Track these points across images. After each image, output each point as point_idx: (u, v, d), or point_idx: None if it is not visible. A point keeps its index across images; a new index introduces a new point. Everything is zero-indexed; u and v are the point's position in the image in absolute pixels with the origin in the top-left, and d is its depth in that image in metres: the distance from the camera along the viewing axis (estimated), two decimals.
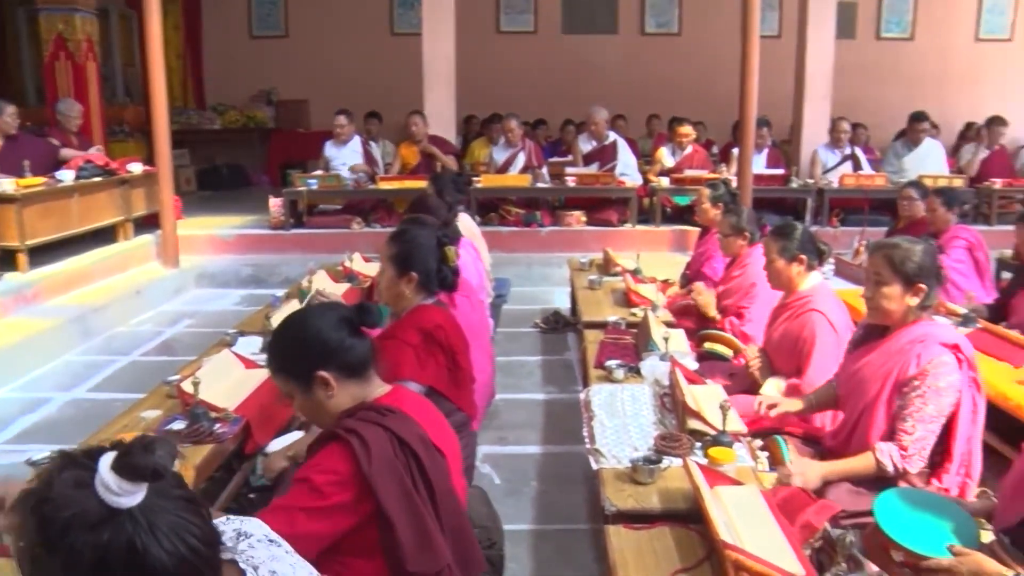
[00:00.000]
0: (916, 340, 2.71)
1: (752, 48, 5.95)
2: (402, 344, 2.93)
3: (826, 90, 9.33)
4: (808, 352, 3.40)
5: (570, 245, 7.91)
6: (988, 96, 12.40)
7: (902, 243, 2.82)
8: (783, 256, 3.57)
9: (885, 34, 12.77)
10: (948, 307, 4.61)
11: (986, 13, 12.93)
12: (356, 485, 1.85)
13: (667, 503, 2.43)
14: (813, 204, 8.45)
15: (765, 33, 11.36)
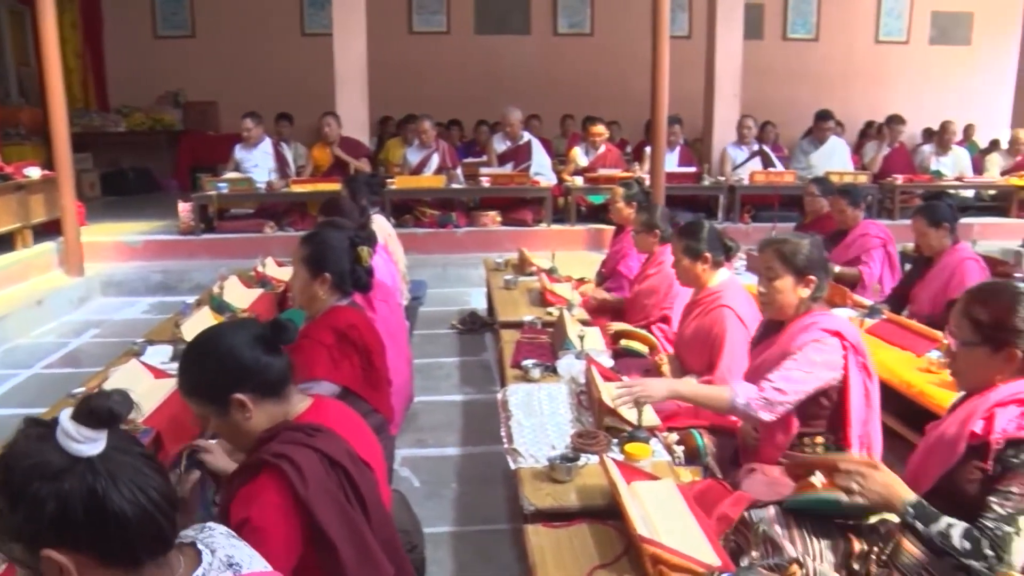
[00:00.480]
0: (802, 329, 2.82)
1: (662, 48, 6.04)
2: (316, 344, 2.90)
3: (735, 89, 9.55)
4: (719, 347, 3.45)
5: (486, 245, 7.92)
6: (888, 95, 12.89)
7: (790, 238, 2.95)
8: (688, 255, 3.62)
9: (791, 35, 13.14)
10: (855, 299, 4.75)
11: (885, 16, 13.42)
12: (294, 513, 1.79)
13: (585, 500, 2.44)
14: (725, 201, 8.64)
15: (676, 33, 11.61)
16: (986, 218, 9.43)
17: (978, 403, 2.10)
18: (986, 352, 2.10)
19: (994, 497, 1.96)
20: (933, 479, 2.12)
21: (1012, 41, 11.61)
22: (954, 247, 4.81)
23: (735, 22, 9.42)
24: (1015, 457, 1.96)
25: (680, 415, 3.24)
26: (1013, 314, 2.07)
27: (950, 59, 13.54)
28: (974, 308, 2.13)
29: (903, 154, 9.73)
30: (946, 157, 9.76)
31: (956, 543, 1.94)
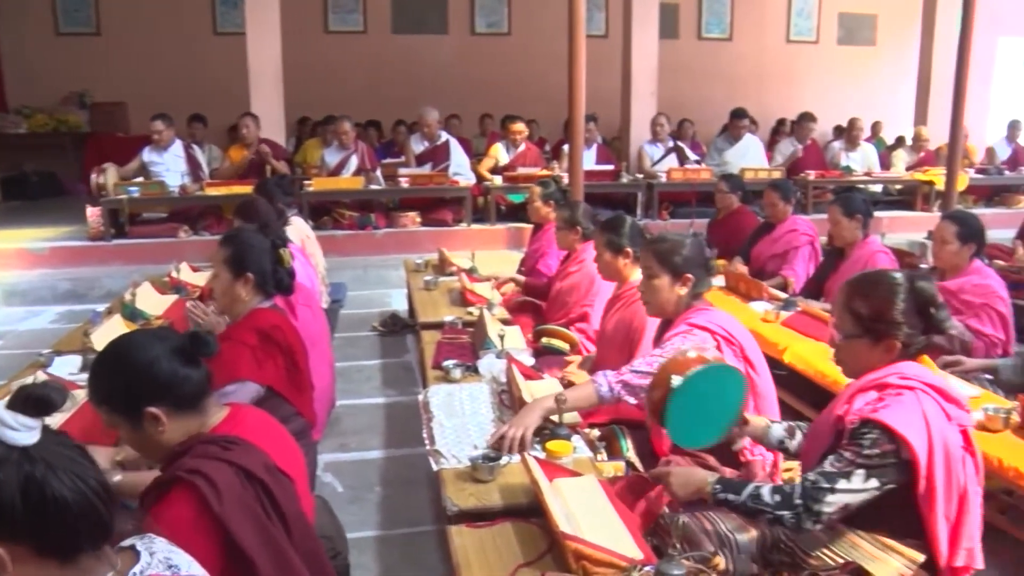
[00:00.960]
0: (680, 321, 2.90)
1: (579, 47, 6.06)
2: (239, 345, 2.84)
3: (652, 88, 9.68)
4: (638, 340, 3.49)
5: (406, 246, 7.88)
6: (799, 93, 13.23)
7: (669, 237, 3.02)
8: (610, 249, 3.66)
9: (706, 35, 13.36)
10: (770, 292, 4.86)
11: (795, 16, 13.76)
12: (209, 530, 1.73)
13: (508, 499, 2.43)
14: (643, 198, 8.75)
15: (593, 32, 11.71)
16: (893, 212, 9.77)
17: (848, 388, 2.22)
18: (867, 343, 2.19)
19: (830, 456, 2.08)
20: (813, 462, 2.20)
21: (913, 42, 12.02)
22: (865, 240, 4.95)
23: (651, 21, 9.55)
24: (860, 429, 2.06)
25: (602, 411, 3.26)
26: (892, 307, 2.15)
27: (857, 59, 13.96)
28: (854, 302, 2.20)
29: (815, 150, 10.01)
30: (855, 153, 10.08)
31: (767, 499, 2.08)
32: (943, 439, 2.06)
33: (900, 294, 2.16)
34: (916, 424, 2.03)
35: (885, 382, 2.12)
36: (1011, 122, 11.52)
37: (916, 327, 2.17)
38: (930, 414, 2.06)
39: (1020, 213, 8.07)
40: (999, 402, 3.16)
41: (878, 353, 2.18)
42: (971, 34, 7.58)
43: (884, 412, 2.04)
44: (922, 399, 2.08)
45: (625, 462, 2.93)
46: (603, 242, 3.69)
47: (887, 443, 2.03)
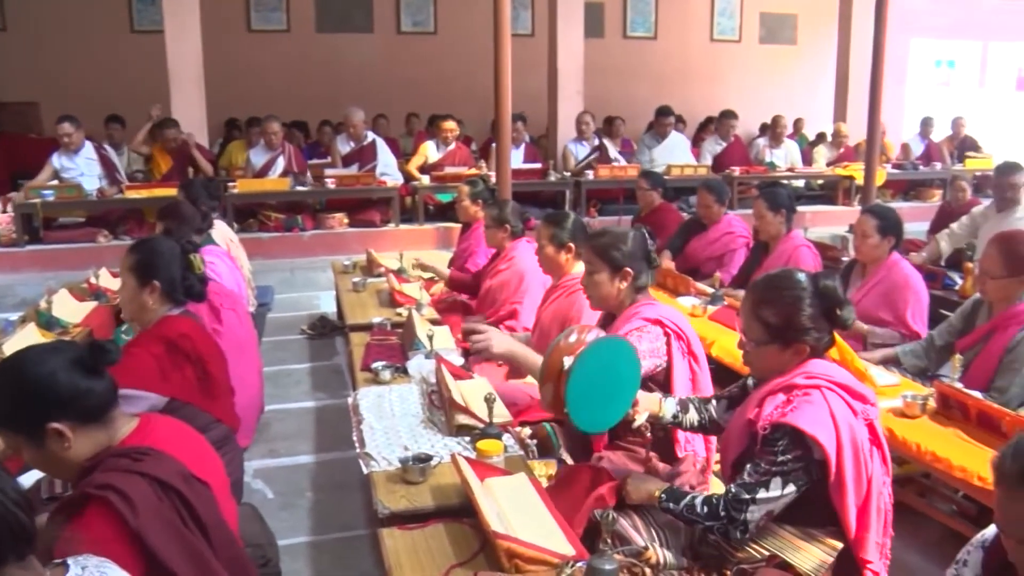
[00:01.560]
0: (628, 317, 2.91)
1: (504, 46, 6.05)
2: (143, 355, 2.76)
3: (578, 86, 9.73)
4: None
5: (333, 248, 7.77)
6: (723, 91, 13.43)
7: (610, 232, 3.03)
8: (553, 243, 3.70)
9: (631, 34, 13.44)
10: (697, 287, 4.93)
11: (718, 16, 13.97)
12: (127, 545, 1.68)
13: (440, 500, 2.42)
14: (571, 196, 8.80)
15: (519, 32, 11.73)
16: (816, 206, 10.02)
17: (757, 393, 2.25)
18: (777, 348, 2.22)
19: (748, 466, 2.12)
20: (730, 465, 2.26)
21: (831, 41, 12.32)
22: (789, 234, 5.07)
23: (576, 20, 9.60)
24: (772, 435, 2.10)
25: (532, 409, 3.26)
26: (800, 313, 2.18)
27: (778, 57, 14.24)
28: (762, 310, 2.22)
29: (739, 147, 10.20)
30: (779, 150, 10.32)
31: (699, 510, 2.14)
32: (851, 434, 2.11)
33: (806, 299, 2.19)
34: (825, 422, 2.08)
35: (792, 383, 2.16)
36: (924, 119, 11.92)
37: (824, 329, 2.22)
38: (837, 411, 2.11)
39: (935, 207, 8.31)
40: (917, 389, 3.26)
41: (787, 356, 2.22)
42: (884, 35, 7.80)
43: (793, 415, 2.08)
44: (829, 397, 2.13)
45: (557, 460, 2.94)
46: (547, 236, 3.72)
47: (798, 447, 2.07)
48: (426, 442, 2.79)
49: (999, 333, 3.45)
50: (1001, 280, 3.47)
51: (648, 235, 3.04)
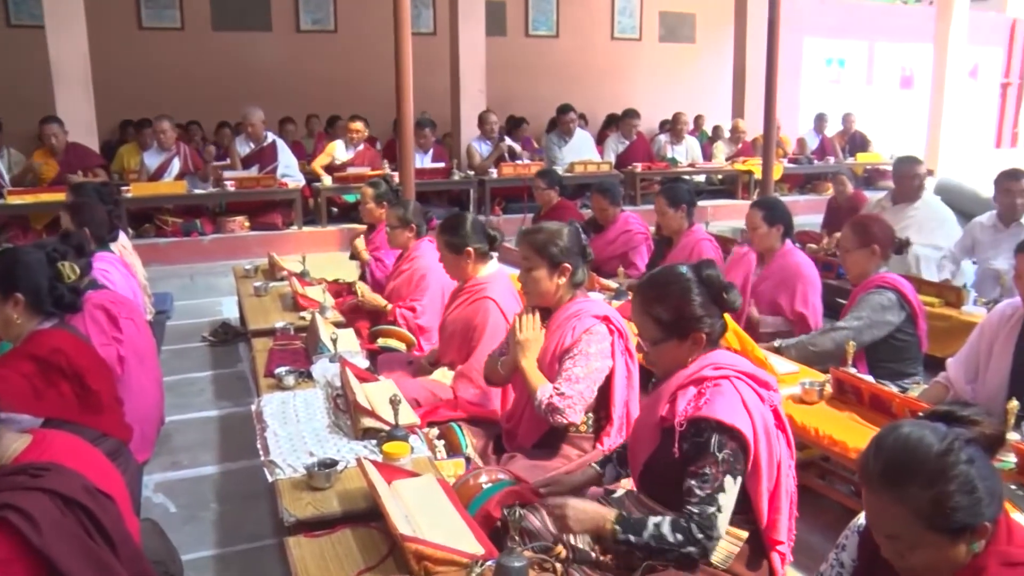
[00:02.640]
0: (572, 315, 2.91)
1: (405, 45, 5.99)
2: (12, 376, 2.63)
3: (480, 85, 9.74)
4: (478, 338, 3.51)
5: (234, 252, 7.58)
6: (625, 89, 13.64)
7: (546, 228, 3.02)
8: (451, 251, 3.66)
9: (533, 32, 13.49)
10: (602, 283, 4.98)
11: (619, 15, 14.15)
12: (32, 565, 1.60)
13: (347, 505, 2.38)
14: (475, 195, 8.79)
15: (421, 30, 11.67)
16: (717, 200, 10.27)
17: (665, 387, 2.25)
18: (676, 343, 2.24)
19: (693, 481, 2.10)
20: (641, 463, 2.26)
21: (729, 40, 12.64)
22: (691, 228, 5.19)
23: (477, 19, 9.60)
24: (698, 437, 2.11)
25: (440, 409, 3.24)
26: (689, 303, 2.21)
27: (678, 55, 14.52)
28: (653, 308, 2.24)
29: (642, 144, 10.37)
30: (680, 146, 10.56)
31: (670, 539, 2.07)
32: (762, 420, 2.15)
33: (693, 289, 2.22)
34: (740, 411, 2.12)
35: (701, 375, 2.18)
36: (818, 115, 12.35)
37: (715, 314, 2.25)
38: (748, 399, 2.15)
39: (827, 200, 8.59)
40: (814, 376, 3.36)
41: (687, 348, 2.24)
42: (777, 34, 8.03)
43: (709, 408, 2.11)
44: (738, 386, 2.16)
45: (465, 459, 2.93)
46: (443, 244, 3.69)
47: (730, 439, 2.09)
48: (332, 447, 2.74)
49: (854, 299, 3.76)
50: (854, 253, 3.78)
51: (582, 230, 3.06)
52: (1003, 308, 3.34)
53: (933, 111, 13.18)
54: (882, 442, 1.56)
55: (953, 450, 1.50)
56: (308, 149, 10.51)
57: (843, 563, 1.82)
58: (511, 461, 2.90)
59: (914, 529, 1.50)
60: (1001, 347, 3.25)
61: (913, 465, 1.50)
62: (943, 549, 1.51)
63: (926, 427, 1.55)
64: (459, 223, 3.69)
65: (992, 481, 1.51)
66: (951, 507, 1.47)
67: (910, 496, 1.49)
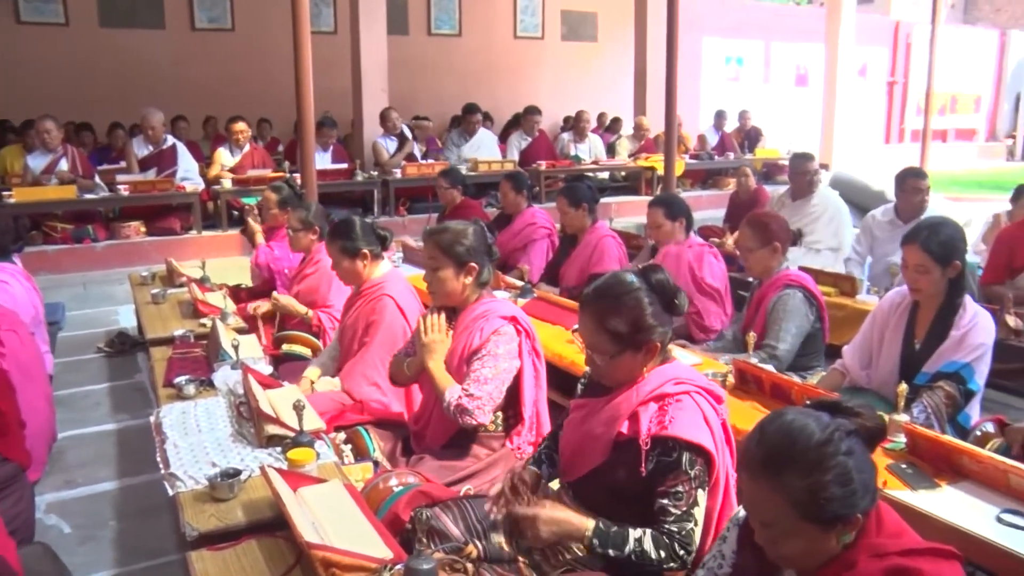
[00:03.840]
0: (479, 316, 2.90)
1: (304, 44, 5.87)
2: None
3: (383, 84, 9.65)
4: (373, 334, 3.46)
5: (131, 259, 7.32)
6: (529, 88, 13.72)
7: (451, 228, 2.99)
8: (346, 255, 3.60)
9: (436, 31, 13.44)
10: (507, 281, 4.98)
11: (521, 14, 14.23)
12: None
13: (252, 515, 2.32)
14: (380, 195, 8.70)
15: (322, 29, 11.49)
16: (621, 197, 10.41)
17: (622, 402, 2.17)
18: (631, 355, 2.17)
19: (665, 500, 2.07)
20: (584, 471, 2.21)
21: (630, 38, 12.84)
22: (594, 226, 5.24)
23: (379, 17, 9.50)
24: (667, 456, 2.08)
25: (346, 413, 3.19)
26: (643, 312, 2.14)
27: (581, 54, 14.68)
28: (608, 322, 2.14)
29: (545, 142, 10.43)
30: (583, 144, 10.65)
31: (653, 555, 2.03)
32: (721, 434, 2.15)
33: (645, 298, 2.16)
34: (702, 426, 2.10)
35: (663, 392, 2.14)
36: (717, 112, 12.68)
37: (666, 322, 2.20)
38: (707, 413, 2.13)
39: (729, 194, 8.80)
40: (717, 367, 3.42)
41: (641, 359, 2.18)
42: (676, 33, 8.17)
43: (674, 427, 2.07)
44: (698, 401, 2.14)
45: (373, 463, 2.90)
46: (337, 249, 3.64)
47: (698, 455, 2.07)
48: (236, 456, 2.67)
49: (764, 301, 3.80)
50: (756, 252, 3.82)
51: (487, 228, 3.04)
52: (892, 296, 3.46)
53: (826, 108, 13.67)
54: (765, 429, 1.57)
55: (833, 440, 1.51)
56: (205, 151, 10.20)
57: (724, 554, 1.83)
58: (420, 463, 2.87)
59: (788, 517, 1.51)
60: (892, 334, 3.37)
61: (792, 453, 1.51)
62: (815, 539, 1.53)
63: (810, 416, 1.56)
64: (350, 226, 3.64)
65: (868, 474, 1.53)
66: (826, 497, 1.48)
67: (787, 484, 1.50)
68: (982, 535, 2.15)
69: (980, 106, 22.47)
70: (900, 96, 20.26)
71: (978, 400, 3.22)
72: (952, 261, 3.19)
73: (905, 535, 1.59)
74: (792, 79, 17.82)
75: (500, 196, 6.13)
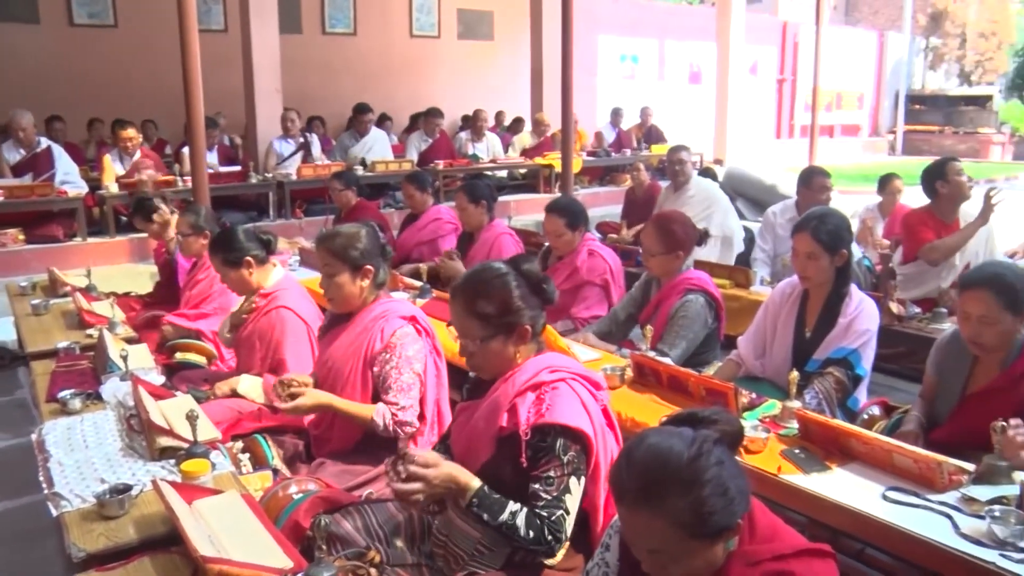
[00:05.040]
0: (378, 317, 2.88)
1: (192, 42, 5.69)
2: None
3: (276, 84, 9.46)
4: (283, 350, 3.40)
5: (8, 268, 6.90)
6: (426, 87, 13.67)
7: (343, 231, 2.97)
8: (232, 265, 3.51)
9: (330, 30, 13.25)
10: (405, 281, 4.94)
11: (416, 12, 14.15)
12: None
13: (145, 532, 2.23)
14: (275, 197, 8.51)
15: (212, 27, 11.19)
16: (520, 195, 10.46)
17: (500, 395, 2.18)
18: (502, 340, 2.18)
19: (537, 485, 2.07)
20: (475, 469, 2.18)
21: (526, 37, 12.91)
22: (491, 223, 5.26)
23: (270, 15, 9.31)
24: (543, 442, 2.08)
25: (243, 421, 3.11)
26: (512, 295, 2.17)
27: (478, 53, 14.70)
28: (476, 305, 2.17)
29: (445, 142, 10.42)
30: (480, 143, 10.66)
31: (522, 532, 2.03)
32: (599, 420, 2.17)
33: (513, 281, 2.18)
34: (580, 412, 2.11)
35: (539, 380, 2.14)
36: (614, 109, 12.88)
37: (535, 307, 2.22)
38: (585, 399, 2.15)
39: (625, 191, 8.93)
40: (616, 361, 3.47)
41: (513, 344, 2.19)
42: (571, 31, 8.26)
43: (551, 413, 2.08)
44: (576, 387, 2.15)
45: (272, 471, 2.83)
46: (220, 264, 3.55)
47: (574, 442, 2.08)
48: (126, 471, 2.56)
49: (665, 303, 3.83)
50: (659, 257, 3.82)
51: (379, 228, 3.01)
52: (783, 287, 3.57)
53: (719, 105, 14.04)
54: (632, 456, 1.55)
55: (703, 454, 1.50)
56: (90, 154, 9.78)
57: (608, 563, 1.83)
58: (320, 468, 2.84)
59: (676, 540, 1.50)
60: (784, 323, 3.48)
61: (666, 476, 1.49)
62: (703, 554, 1.53)
63: (673, 435, 1.55)
64: (229, 237, 3.56)
65: (740, 479, 1.54)
66: (708, 511, 1.48)
67: (668, 508, 1.48)
68: (869, 513, 2.23)
69: (863, 103, 23.49)
70: (789, 93, 21.00)
71: (865, 384, 3.35)
72: (840, 250, 3.31)
73: (777, 537, 1.61)
74: (686, 77, 18.25)
75: (405, 198, 6.13)
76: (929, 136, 24.61)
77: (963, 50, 26.48)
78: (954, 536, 2.09)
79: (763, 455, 2.57)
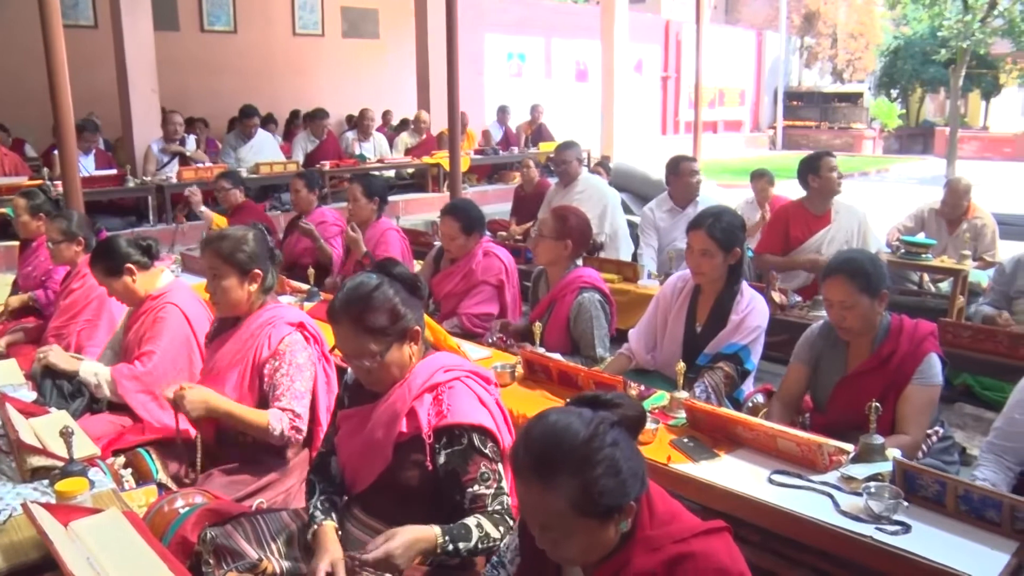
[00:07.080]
0: (265, 323, 2.82)
1: (57, 38, 5.38)
2: None
3: (152, 84, 9.11)
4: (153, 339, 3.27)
5: None
6: (310, 86, 13.46)
7: (231, 234, 2.89)
8: (113, 274, 3.36)
9: (209, 27, 12.89)
10: (293, 285, 4.84)
11: (299, 10, 13.91)
12: None
13: (15, 559, 2.10)
14: (155, 202, 8.20)
15: (80, 23, 10.69)
16: (408, 195, 10.40)
17: (396, 401, 2.16)
18: (398, 348, 2.15)
19: (476, 487, 2.06)
20: (371, 480, 2.18)
21: (411, 35, 12.83)
22: (378, 221, 5.22)
23: (143, 12, 8.94)
24: (457, 444, 2.09)
25: (125, 435, 2.98)
26: (395, 304, 2.14)
27: (363, 51, 14.54)
28: (366, 321, 2.10)
29: (332, 142, 10.25)
30: (367, 142, 10.55)
31: (495, 535, 2.02)
32: (498, 413, 2.20)
33: (390, 289, 2.15)
34: (480, 408, 2.13)
35: (435, 382, 2.14)
36: (500, 107, 12.94)
37: (416, 307, 2.21)
38: (482, 395, 2.17)
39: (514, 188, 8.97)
40: (506, 359, 3.48)
41: (408, 351, 2.17)
42: (456, 29, 8.22)
43: (453, 414, 2.08)
44: (470, 384, 2.17)
45: (157, 485, 2.73)
46: (103, 275, 3.38)
47: (486, 437, 2.09)
48: None
49: (559, 303, 3.88)
50: (548, 240, 3.88)
51: (266, 231, 2.93)
52: (674, 281, 3.65)
53: (605, 102, 14.23)
54: (531, 433, 1.58)
55: (598, 435, 1.54)
56: None
57: (503, 561, 1.88)
58: (208, 480, 2.74)
59: (566, 517, 1.53)
60: (675, 317, 3.55)
61: (560, 454, 1.52)
62: (594, 533, 1.56)
63: (572, 414, 1.58)
64: (108, 247, 3.40)
65: (635, 461, 1.58)
66: (599, 491, 1.51)
67: (560, 485, 1.51)
68: (756, 496, 2.31)
69: (744, 99, 24.32)
70: (674, 90, 21.56)
71: (752, 377, 3.46)
72: (733, 248, 3.40)
73: (676, 520, 1.65)
74: (573, 74, 18.50)
75: (291, 193, 5.97)
76: (807, 131, 25.72)
77: (835, 49, 27.65)
78: (835, 514, 2.19)
79: (653, 445, 2.62)
